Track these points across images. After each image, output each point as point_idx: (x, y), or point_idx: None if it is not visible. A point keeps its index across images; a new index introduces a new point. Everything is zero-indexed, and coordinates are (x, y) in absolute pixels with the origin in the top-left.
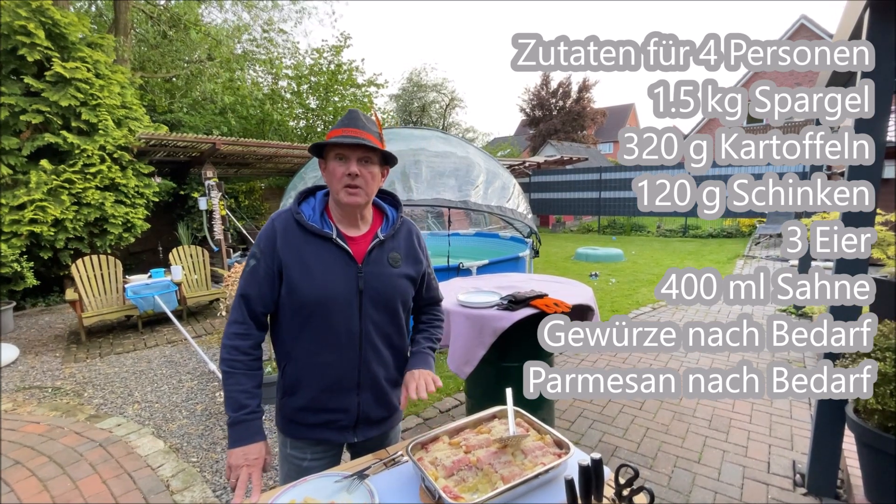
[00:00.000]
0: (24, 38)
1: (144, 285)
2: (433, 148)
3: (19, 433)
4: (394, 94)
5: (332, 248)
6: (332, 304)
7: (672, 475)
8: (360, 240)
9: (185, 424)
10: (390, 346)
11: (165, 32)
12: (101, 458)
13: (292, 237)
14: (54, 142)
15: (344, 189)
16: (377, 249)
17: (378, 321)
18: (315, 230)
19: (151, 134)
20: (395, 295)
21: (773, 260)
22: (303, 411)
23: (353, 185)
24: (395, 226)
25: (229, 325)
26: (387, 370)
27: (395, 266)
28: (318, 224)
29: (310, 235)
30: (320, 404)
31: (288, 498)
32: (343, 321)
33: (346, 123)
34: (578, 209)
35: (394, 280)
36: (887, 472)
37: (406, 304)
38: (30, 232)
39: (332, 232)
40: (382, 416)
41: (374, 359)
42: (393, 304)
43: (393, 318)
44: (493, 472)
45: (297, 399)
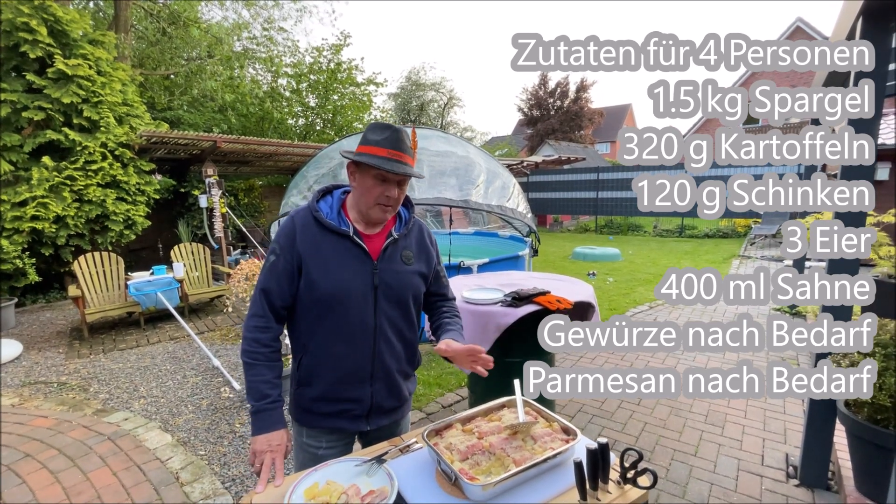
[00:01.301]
0: (27, 34)
1: (147, 282)
2: (434, 147)
3: (28, 427)
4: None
5: (349, 244)
6: (348, 299)
7: (669, 468)
8: (375, 238)
9: (191, 419)
10: (402, 340)
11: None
12: (111, 451)
13: (311, 234)
14: (56, 139)
15: (378, 206)
16: (391, 247)
17: (391, 315)
18: (333, 227)
19: (153, 131)
20: (408, 291)
21: (768, 260)
22: (318, 401)
23: (387, 205)
24: (408, 225)
25: (250, 318)
26: (398, 362)
27: (408, 263)
28: (336, 222)
29: (327, 232)
30: (335, 394)
31: (311, 481)
32: (358, 315)
33: (392, 145)
34: (576, 209)
35: (407, 277)
36: (877, 463)
37: (417, 300)
38: (31, 228)
39: (350, 230)
40: (394, 405)
41: (386, 351)
42: (405, 300)
43: (405, 312)
44: (506, 456)
45: (312, 389)
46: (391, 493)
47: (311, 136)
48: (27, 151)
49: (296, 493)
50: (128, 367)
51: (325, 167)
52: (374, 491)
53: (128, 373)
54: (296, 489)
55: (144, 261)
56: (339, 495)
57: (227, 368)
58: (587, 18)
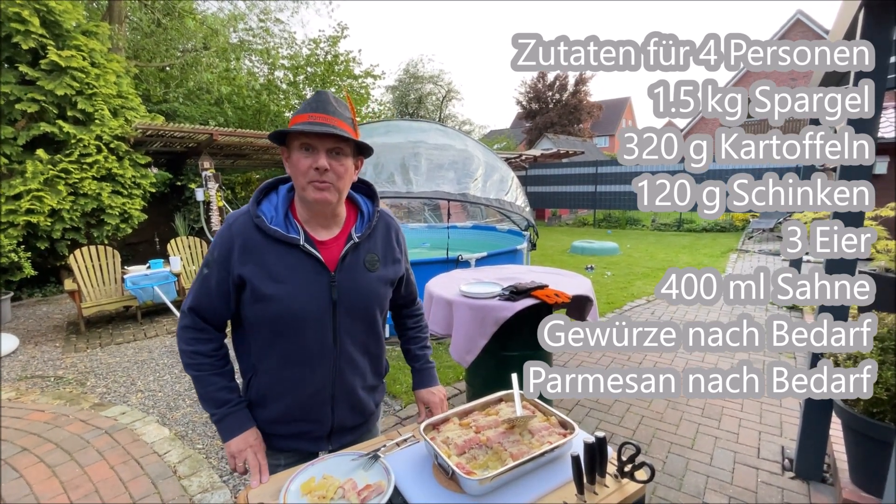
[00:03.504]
0: (19, 25)
1: (144, 276)
2: (432, 140)
3: (25, 421)
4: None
5: (300, 255)
6: (302, 320)
7: (666, 460)
8: (331, 243)
9: (188, 413)
10: (367, 354)
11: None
12: (108, 445)
13: (253, 245)
14: (50, 131)
15: (311, 185)
16: (351, 254)
17: (354, 332)
18: (279, 236)
19: (148, 124)
20: (373, 303)
21: (765, 254)
22: (273, 423)
23: (321, 181)
24: (371, 223)
25: (183, 329)
26: (363, 378)
27: (373, 270)
28: (283, 227)
29: (272, 242)
30: (291, 417)
31: (307, 475)
32: (316, 337)
33: (312, 108)
34: (574, 203)
35: (371, 286)
36: (872, 456)
37: (383, 310)
38: (26, 222)
39: (300, 237)
40: (358, 422)
41: (349, 370)
42: (371, 313)
43: (371, 326)
44: (503, 451)
45: (267, 412)
46: (388, 487)
47: None
48: (21, 144)
49: (292, 487)
50: (125, 361)
51: None
52: (370, 485)
53: (125, 367)
54: (292, 483)
55: (141, 255)
56: (336, 490)
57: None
58: (587, 18)
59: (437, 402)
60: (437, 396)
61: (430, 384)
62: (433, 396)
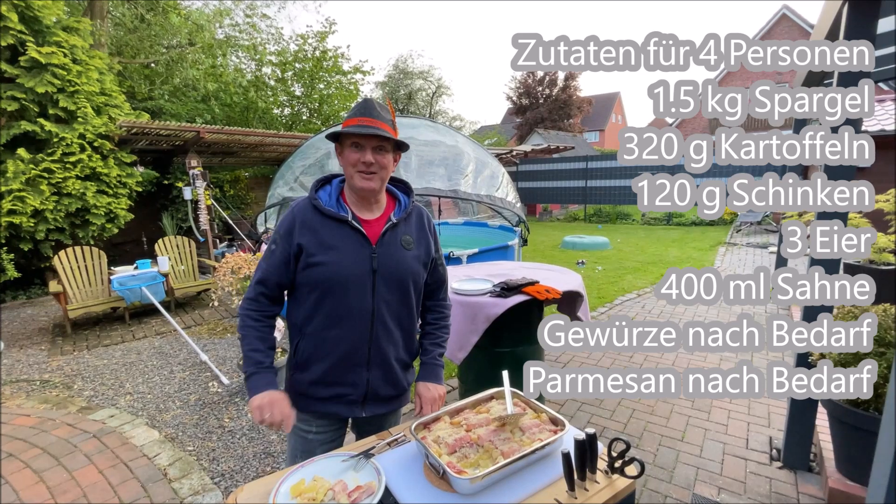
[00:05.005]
0: None
1: (131, 276)
2: (422, 137)
3: (10, 426)
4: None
5: (348, 230)
6: (347, 283)
7: (657, 453)
8: (374, 223)
9: (179, 414)
10: (400, 327)
11: (143, 16)
12: (96, 449)
13: (310, 221)
14: (31, 130)
15: (358, 174)
16: (390, 232)
17: (390, 300)
18: (331, 213)
19: (133, 122)
20: (407, 275)
21: (753, 247)
22: (314, 385)
23: (367, 172)
24: (407, 210)
25: (247, 300)
26: (396, 349)
27: (408, 248)
28: (335, 208)
29: (326, 219)
30: (331, 378)
31: (297, 477)
32: (356, 298)
33: (361, 112)
34: (565, 198)
35: (406, 261)
36: (857, 445)
37: (417, 286)
38: (8, 223)
39: (348, 215)
40: (391, 394)
41: (384, 336)
42: (405, 285)
43: (404, 297)
44: (494, 449)
45: (309, 374)
46: (378, 488)
47: (298, 125)
48: (1, 143)
49: (282, 489)
50: (113, 363)
51: (312, 157)
52: (361, 486)
53: (113, 369)
54: (282, 486)
55: (128, 255)
56: (326, 492)
57: (214, 363)
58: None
59: (429, 399)
60: (431, 393)
61: (430, 380)
62: (427, 392)
